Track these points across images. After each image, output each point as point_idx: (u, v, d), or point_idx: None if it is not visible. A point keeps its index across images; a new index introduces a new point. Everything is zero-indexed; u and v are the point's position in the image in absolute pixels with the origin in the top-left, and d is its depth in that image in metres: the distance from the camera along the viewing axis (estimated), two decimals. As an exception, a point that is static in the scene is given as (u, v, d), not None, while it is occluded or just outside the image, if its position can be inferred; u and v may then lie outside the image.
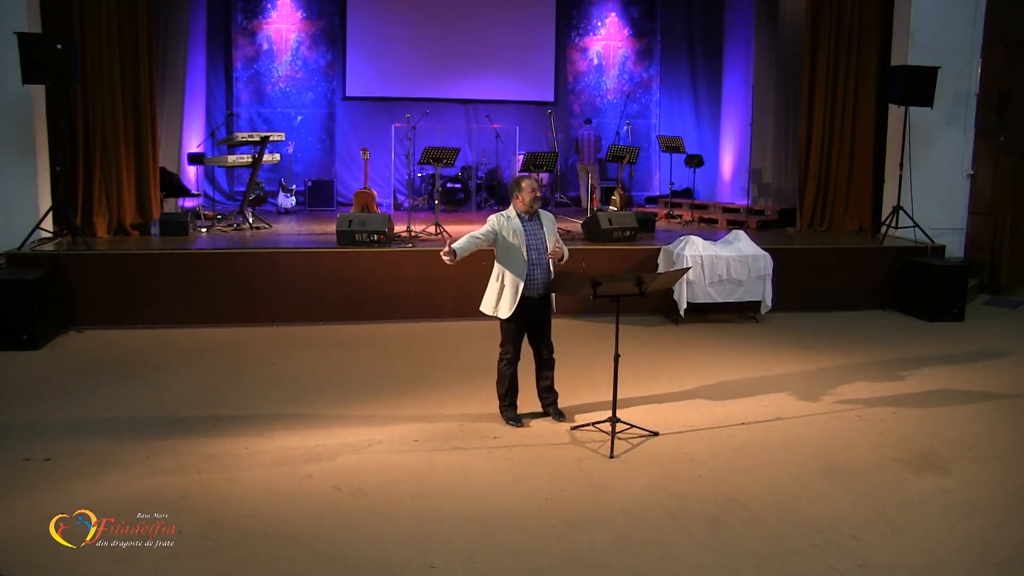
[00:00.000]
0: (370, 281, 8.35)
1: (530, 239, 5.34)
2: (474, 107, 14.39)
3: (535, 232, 5.38)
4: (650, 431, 5.35)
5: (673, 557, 3.87)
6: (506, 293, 5.34)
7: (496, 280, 5.40)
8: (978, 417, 5.83)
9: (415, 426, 5.45)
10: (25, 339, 7.10)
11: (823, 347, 7.55)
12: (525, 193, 5.33)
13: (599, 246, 8.94)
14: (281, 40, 13.95)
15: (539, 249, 5.36)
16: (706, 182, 14.44)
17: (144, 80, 8.96)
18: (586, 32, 15.01)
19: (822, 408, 5.92)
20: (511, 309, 5.32)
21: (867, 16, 10.33)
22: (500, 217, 5.39)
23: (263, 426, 5.41)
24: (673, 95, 15.23)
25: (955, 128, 10.11)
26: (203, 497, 4.37)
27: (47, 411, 5.66)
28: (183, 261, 8.10)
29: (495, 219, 5.38)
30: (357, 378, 6.52)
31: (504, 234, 5.32)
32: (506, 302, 5.33)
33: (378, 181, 13.50)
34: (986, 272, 10.10)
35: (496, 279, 5.40)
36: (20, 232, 8.02)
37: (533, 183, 5.39)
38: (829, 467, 4.90)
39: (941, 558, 3.91)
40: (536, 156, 10.08)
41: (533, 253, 5.34)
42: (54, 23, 8.46)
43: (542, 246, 5.37)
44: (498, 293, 5.37)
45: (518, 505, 4.35)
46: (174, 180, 10.76)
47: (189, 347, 7.34)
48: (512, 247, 5.31)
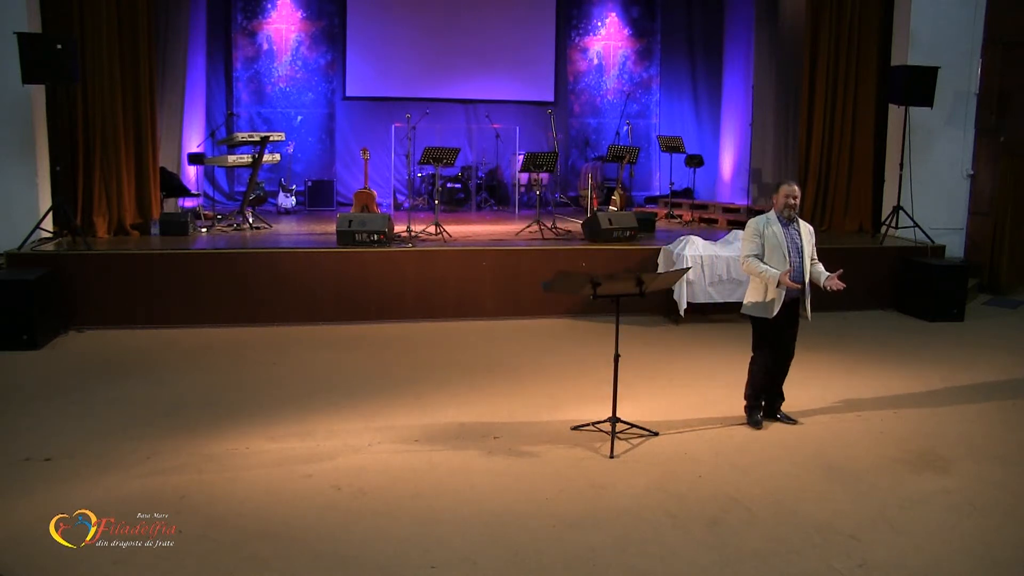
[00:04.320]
0: (370, 281, 8.35)
1: (790, 243, 5.44)
2: (474, 107, 14.38)
3: (793, 237, 5.47)
4: (650, 431, 5.35)
5: (673, 557, 3.87)
6: (770, 293, 5.41)
7: (761, 281, 5.46)
8: (978, 417, 5.83)
9: (415, 426, 5.45)
10: (25, 339, 7.10)
11: (823, 347, 7.55)
12: (779, 196, 5.46)
13: (599, 246, 8.94)
14: (281, 40, 13.95)
15: (799, 254, 5.44)
16: (706, 182, 14.44)
17: (144, 80, 8.96)
18: (586, 32, 15.00)
19: (822, 408, 5.92)
20: (776, 310, 5.40)
21: (867, 16, 10.32)
22: (760, 220, 5.52)
23: (263, 426, 5.41)
24: (673, 95, 15.22)
25: (955, 128, 10.11)
26: (203, 497, 4.37)
27: (47, 411, 5.66)
28: (183, 261, 8.10)
29: (755, 222, 5.53)
30: (357, 378, 6.52)
31: (767, 234, 5.45)
32: (773, 303, 5.40)
33: (378, 181, 13.49)
34: (986, 272, 10.10)
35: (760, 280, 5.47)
36: (20, 232, 8.02)
37: (789, 188, 5.46)
38: (829, 467, 4.90)
39: (941, 558, 3.91)
40: (536, 156, 10.08)
41: (795, 257, 5.43)
42: (54, 23, 8.45)
43: (800, 251, 5.45)
44: (764, 293, 5.44)
45: (518, 505, 4.35)
46: (174, 180, 10.76)
47: (189, 347, 7.34)
48: (774, 247, 5.42)
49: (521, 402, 5.97)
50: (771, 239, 5.41)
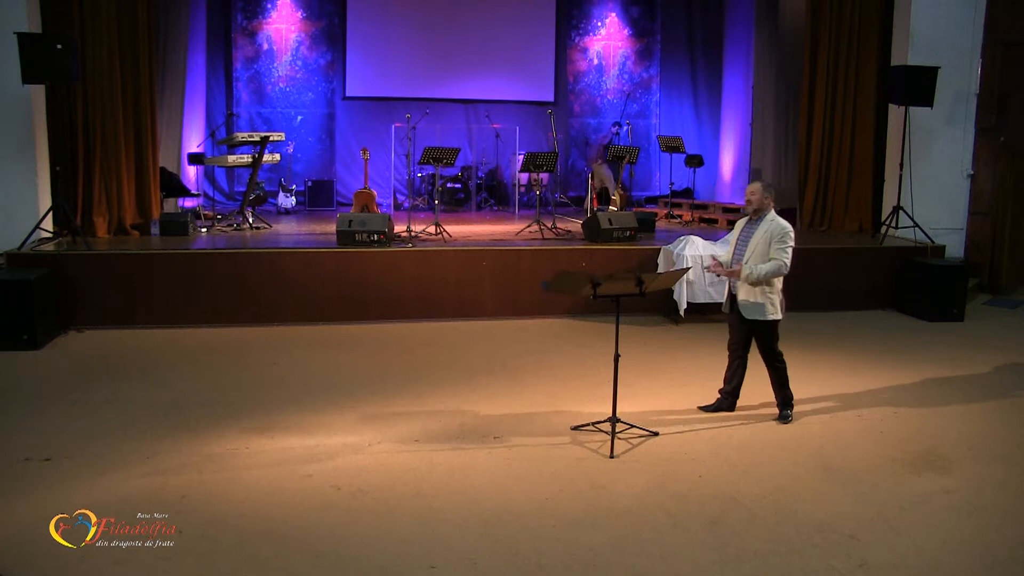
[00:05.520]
0: (370, 281, 8.35)
1: (742, 238, 5.50)
2: (474, 107, 14.38)
3: (748, 233, 5.50)
4: (650, 431, 5.35)
5: (673, 557, 3.87)
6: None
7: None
8: (978, 417, 5.83)
9: (415, 426, 5.45)
10: (25, 339, 7.10)
11: (823, 347, 7.55)
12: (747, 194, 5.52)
13: (599, 246, 8.94)
14: (281, 40, 13.95)
15: (741, 253, 5.48)
16: (706, 182, 14.44)
17: (144, 80, 8.96)
18: (586, 32, 15.00)
19: (822, 408, 5.92)
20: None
21: (867, 16, 10.32)
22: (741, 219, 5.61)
23: (263, 426, 5.41)
24: (673, 95, 15.22)
25: (955, 128, 10.11)
26: (203, 497, 4.37)
27: (47, 411, 5.66)
28: (183, 261, 8.10)
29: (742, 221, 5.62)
30: (357, 378, 6.52)
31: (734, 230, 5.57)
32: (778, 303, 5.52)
33: (378, 181, 13.49)
34: (986, 272, 10.10)
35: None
36: (20, 232, 8.03)
37: (751, 186, 5.50)
38: (829, 467, 4.90)
39: (941, 558, 3.91)
40: (536, 156, 10.08)
41: (737, 254, 5.49)
42: (54, 23, 8.45)
43: (744, 251, 5.47)
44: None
45: (518, 505, 4.36)
46: (174, 180, 10.77)
47: (189, 347, 7.34)
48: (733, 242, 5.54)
49: (521, 402, 5.97)
50: (733, 234, 5.60)
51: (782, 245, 5.35)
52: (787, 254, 5.36)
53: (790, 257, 5.38)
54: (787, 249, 5.36)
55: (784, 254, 5.35)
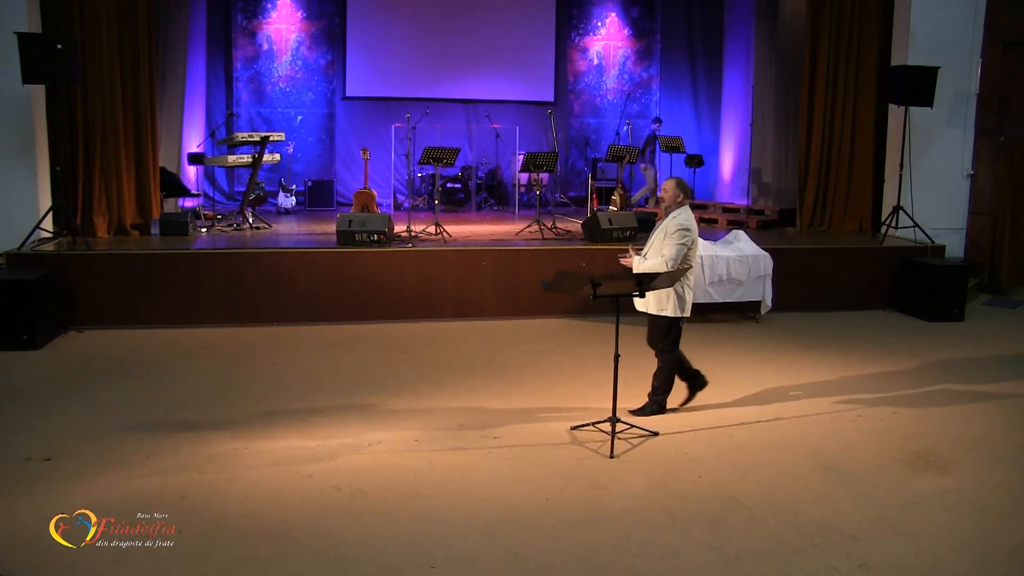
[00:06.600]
0: (370, 281, 8.35)
1: (655, 234, 5.59)
2: (474, 107, 14.38)
3: (656, 231, 5.60)
4: (650, 431, 5.35)
5: (673, 557, 3.87)
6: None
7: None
8: (978, 417, 5.83)
9: (415, 426, 5.45)
10: (25, 339, 7.10)
11: (823, 347, 7.55)
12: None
13: (599, 246, 8.93)
14: (281, 40, 13.94)
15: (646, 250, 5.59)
16: (706, 182, 14.43)
17: (144, 80, 8.96)
18: (586, 32, 15.00)
19: (822, 408, 5.92)
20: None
21: (867, 16, 10.33)
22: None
23: (263, 426, 5.41)
24: (673, 95, 15.21)
25: (955, 128, 10.11)
26: (203, 497, 4.37)
27: (47, 411, 5.66)
28: (183, 261, 8.10)
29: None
30: (357, 378, 6.52)
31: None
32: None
33: (378, 181, 13.49)
34: (986, 272, 10.10)
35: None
36: (20, 232, 8.02)
37: (665, 183, 5.60)
38: (829, 467, 4.90)
39: (941, 558, 3.91)
40: (536, 156, 10.07)
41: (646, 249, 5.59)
42: (54, 23, 8.45)
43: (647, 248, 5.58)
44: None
45: (518, 505, 4.35)
46: (174, 180, 10.76)
47: (189, 347, 7.34)
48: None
49: (521, 402, 5.97)
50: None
51: (671, 241, 5.42)
52: (674, 250, 5.38)
53: (679, 253, 5.37)
54: (676, 245, 5.38)
55: (670, 250, 5.39)
